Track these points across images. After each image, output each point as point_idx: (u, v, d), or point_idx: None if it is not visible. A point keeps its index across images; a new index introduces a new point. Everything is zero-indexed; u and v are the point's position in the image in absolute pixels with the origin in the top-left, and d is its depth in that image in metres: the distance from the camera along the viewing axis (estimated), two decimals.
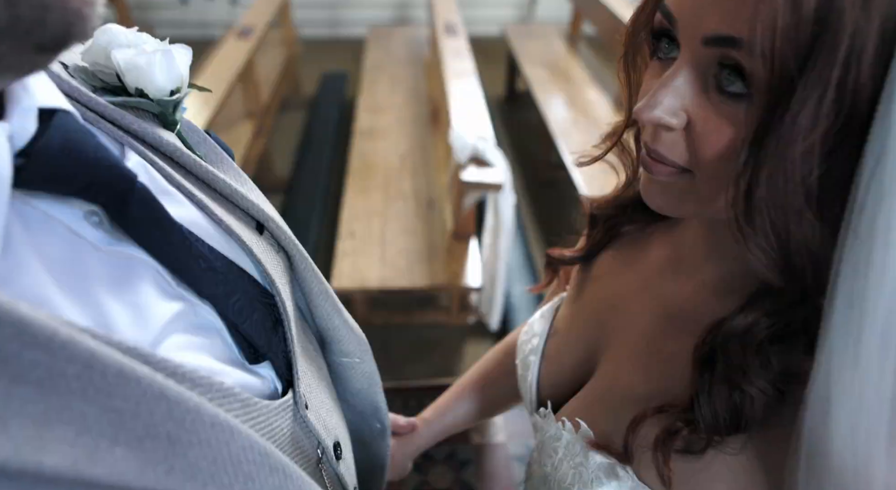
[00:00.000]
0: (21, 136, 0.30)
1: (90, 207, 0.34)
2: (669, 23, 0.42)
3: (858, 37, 0.34)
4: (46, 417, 0.26)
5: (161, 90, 0.43)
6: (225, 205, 0.46)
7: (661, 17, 0.43)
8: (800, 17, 0.34)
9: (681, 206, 0.47)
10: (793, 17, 0.34)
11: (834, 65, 0.34)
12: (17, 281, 0.29)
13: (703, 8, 0.39)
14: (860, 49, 0.34)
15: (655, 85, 0.43)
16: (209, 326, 0.40)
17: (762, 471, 0.46)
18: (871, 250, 0.35)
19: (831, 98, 0.35)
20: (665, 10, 0.42)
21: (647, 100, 0.43)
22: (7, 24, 0.25)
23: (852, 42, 0.34)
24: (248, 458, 0.35)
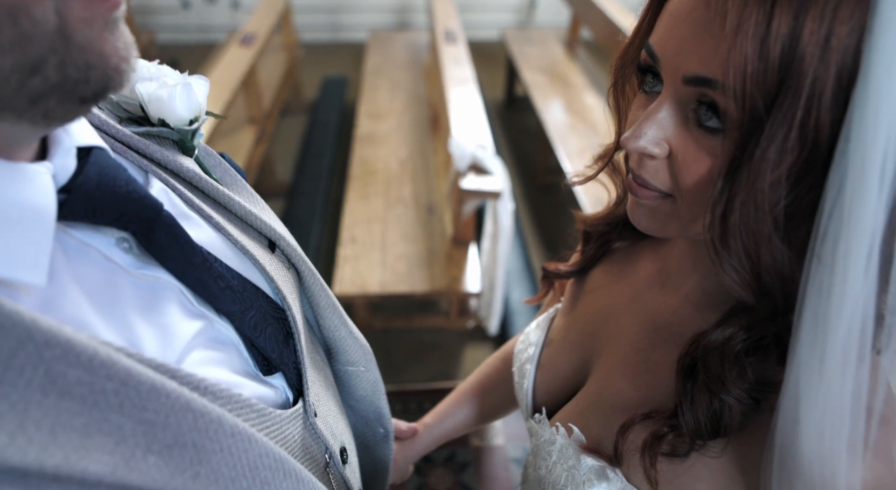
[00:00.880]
0: (63, 175, 0.33)
1: (121, 235, 0.37)
2: (653, 60, 0.46)
3: (818, 83, 0.37)
4: (88, 429, 0.29)
5: (181, 120, 0.46)
6: (239, 225, 0.49)
7: (647, 54, 0.46)
8: (766, 64, 0.38)
9: (664, 228, 0.51)
10: (760, 64, 0.38)
11: (797, 107, 0.38)
12: (60, 306, 0.32)
13: (683, 50, 0.43)
14: (820, 93, 0.37)
15: (641, 117, 0.47)
16: (227, 341, 0.43)
17: (740, 472, 0.49)
18: (833, 274, 0.39)
19: (795, 136, 0.38)
20: (650, 49, 0.46)
21: (632, 131, 0.46)
22: (57, 83, 0.28)
23: (813, 87, 0.37)
24: (264, 464, 0.38)
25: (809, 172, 0.40)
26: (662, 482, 0.52)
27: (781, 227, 0.42)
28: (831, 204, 0.38)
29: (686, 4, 0.42)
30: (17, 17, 0.25)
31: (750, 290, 0.45)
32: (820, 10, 0.36)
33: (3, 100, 0.27)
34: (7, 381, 0.27)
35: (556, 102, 3.21)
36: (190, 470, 0.34)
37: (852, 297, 0.38)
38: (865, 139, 0.36)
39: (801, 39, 0.37)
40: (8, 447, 0.26)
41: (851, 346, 0.39)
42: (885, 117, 0.35)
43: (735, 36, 0.38)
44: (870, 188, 0.36)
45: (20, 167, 0.31)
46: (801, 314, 0.41)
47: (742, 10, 0.37)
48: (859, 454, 0.42)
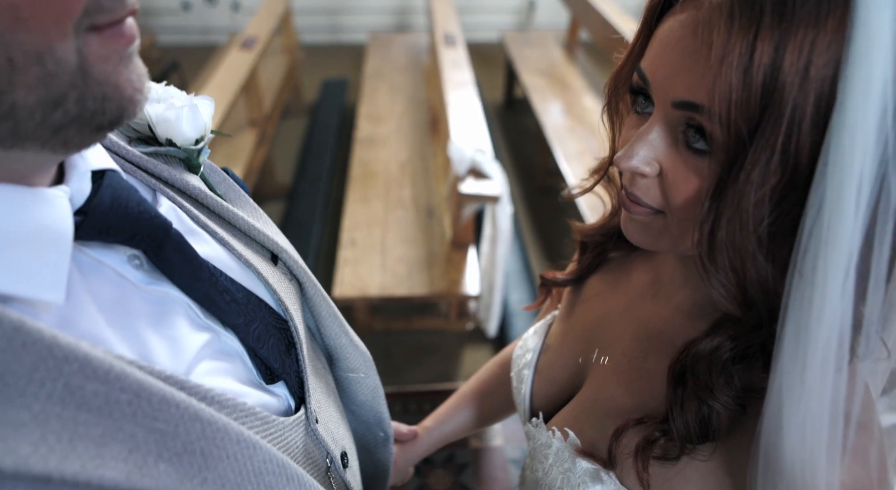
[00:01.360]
0: (79, 197, 0.35)
1: (132, 252, 0.39)
2: (644, 84, 0.48)
3: (798, 110, 0.39)
4: (104, 438, 0.32)
5: (188, 140, 0.48)
6: (243, 239, 0.51)
7: (638, 77, 0.49)
8: (750, 92, 0.40)
9: (656, 243, 0.53)
10: (744, 92, 0.40)
11: (779, 132, 0.40)
12: (77, 321, 0.34)
13: (672, 76, 0.45)
14: (800, 119, 0.40)
15: (633, 137, 0.49)
16: (232, 352, 0.45)
17: (728, 474, 0.51)
18: (813, 288, 0.41)
19: (778, 159, 0.41)
20: (641, 73, 0.48)
21: (625, 151, 0.48)
22: (77, 115, 0.30)
23: (793, 114, 0.40)
24: (268, 470, 0.40)
25: (791, 193, 0.42)
26: (654, 485, 0.54)
27: (765, 244, 0.44)
28: (811, 223, 0.40)
29: (675, 32, 0.45)
30: (43, 58, 0.27)
31: (736, 303, 0.47)
32: (799, 43, 0.38)
33: (28, 132, 0.29)
34: (30, 393, 0.29)
35: (555, 105, 3.23)
36: (198, 476, 0.36)
37: (831, 310, 0.40)
38: (842, 164, 0.38)
39: (782, 70, 0.39)
40: (31, 456, 0.28)
41: (830, 356, 0.42)
42: (860, 144, 0.37)
43: (720, 65, 0.40)
44: (847, 210, 0.38)
45: (40, 192, 0.33)
46: (784, 325, 0.44)
47: (727, 41, 0.40)
48: (838, 457, 0.44)
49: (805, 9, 0.38)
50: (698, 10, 0.42)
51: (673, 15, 0.45)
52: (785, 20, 0.38)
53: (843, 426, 0.44)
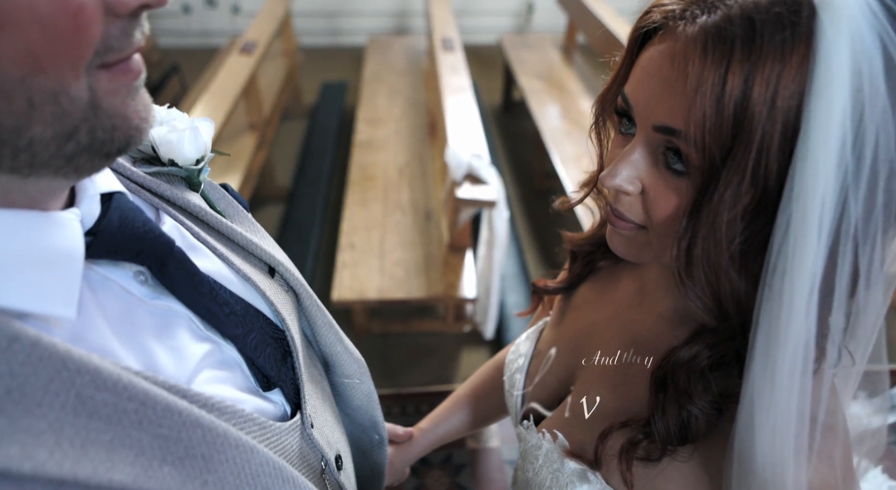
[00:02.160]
0: (89, 219, 0.38)
1: (138, 269, 0.42)
2: (628, 107, 0.51)
3: (766, 136, 0.43)
4: (113, 444, 0.34)
5: (189, 160, 0.51)
6: (241, 253, 0.54)
7: (622, 101, 0.52)
8: (722, 120, 0.43)
9: (639, 255, 0.57)
10: (717, 120, 0.43)
11: (749, 157, 0.43)
12: (87, 336, 0.37)
13: (652, 101, 0.48)
14: (768, 145, 0.43)
15: (617, 156, 0.52)
16: (231, 362, 0.48)
17: (706, 474, 0.55)
18: (781, 302, 0.44)
19: (748, 182, 0.44)
20: (625, 97, 0.51)
21: (609, 170, 0.51)
22: (88, 144, 0.33)
23: (762, 140, 0.43)
24: (265, 472, 0.43)
25: (762, 213, 0.45)
26: (637, 484, 0.57)
27: (737, 259, 0.47)
28: (780, 242, 0.43)
29: (655, 61, 0.48)
30: (58, 98, 0.30)
31: (711, 315, 0.51)
32: (766, 76, 0.41)
33: (44, 161, 0.32)
34: (45, 403, 0.32)
35: (553, 108, 3.25)
36: (199, 479, 0.38)
37: (797, 322, 0.44)
38: (806, 189, 0.41)
39: (751, 100, 0.42)
40: (48, 461, 0.31)
41: (797, 365, 0.45)
42: (823, 171, 0.40)
43: (695, 95, 0.43)
44: (811, 231, 0.42)
45: (53, 216, 0.35)
46: (755, 336, 0.47)
47: (701, 72, 0.43)
48: (805, 458, 0.47)
49: (771, 44, 0.41)
50: (675, 41, 0.45)
51: (653, 44, 0.48)
52: (753, 54, 0.41)
53: (810, 429, 0.47)
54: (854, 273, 0.44)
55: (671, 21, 0.46)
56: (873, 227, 0.42)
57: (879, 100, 0.39)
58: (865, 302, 0.46)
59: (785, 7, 0.41)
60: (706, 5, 0.44)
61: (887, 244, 0.45)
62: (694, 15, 0.44)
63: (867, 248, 0.43)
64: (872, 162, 0.40)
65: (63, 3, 0.28)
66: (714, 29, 0.43)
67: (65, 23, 0.28)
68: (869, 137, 0.40)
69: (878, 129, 0.40)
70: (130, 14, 0.32)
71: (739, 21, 0.42)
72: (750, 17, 0.42)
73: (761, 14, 0.42)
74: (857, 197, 0.41)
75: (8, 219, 0.33)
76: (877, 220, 0.42)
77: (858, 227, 0.42)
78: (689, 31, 0.44)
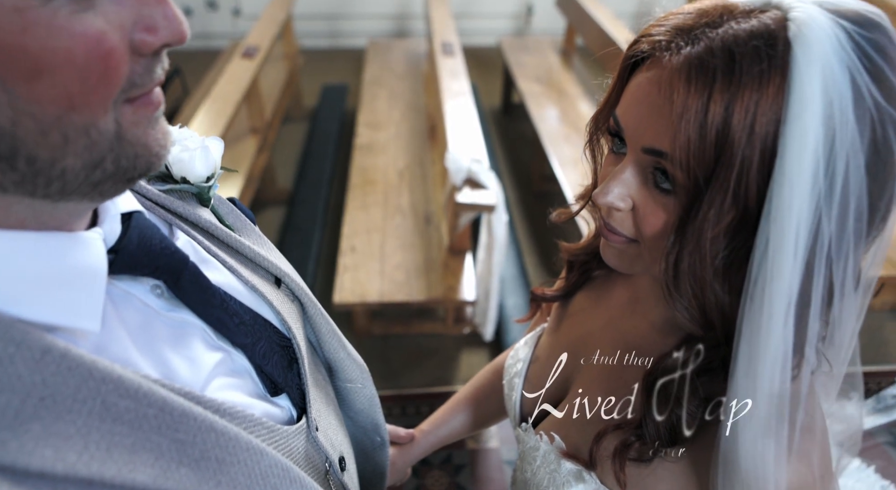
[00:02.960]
0: (111, 238, 0.41)
1: (155, 283, 0.45)
2: (619, 128, 0.54)
3: (746, 159, 0.46)
4: (135, 447, 0.37)
5: (200, 177, 0.53)
6: (249, 265, 0.57)
7: (614, 122, 0.55)
8: (705, 144, 0.46)
9: (631, 267, 0.60)
10: (700, 145, 0.46)
11: (730, 178, 0.46)
12: (110, 347, 0.40)
13: (641, 124, 0.51)
14: (748, 167, 0.46)
15: (609, 174, 0.55)
16: (241, 369, 0.51)
17: (695, 473, 0.58)
18: (762, 313, 0.47)
19: (730, 201, 0.47)
20: (616, 119, 0.54)
21: (601, 188, 0.55)
22: (112, 172, 0.36)
23: (742, 163, 0.46)
24: (273, 473, 0.46)
25: (743, 230, 0.48)
26: (630, 483, 0.60)
27: (721, 273, 0.50)
28: (759, 258, 0.47)
29: (643, 88, 0.51)
30: (89, 131, 0.33)
31: (697, 324, 0.54)
32: (745, 104, 0.45)
33: (73, 188, 0.35)
34: (74, 410, 0.34)
35: (551, 111, 3.28)
36: (213, 479, 0.41)
37: (776, 332, 0.47)
38: (783, 210, 0.45)
39: (732, 126, 0.45)
40: (77, 462, 0.34)
41: (776, 371, 0.48)
42: (798, 194, 0.44)
43: (680, 121, 0.46)
44: (787, 249, 0.45)
45: (79, 236, 0.38)
46: (738, 344, 0.50)
47: (685, 100, 0.46)
48: (785, 458, 0.51)
49: (750, 75, 0.44)
50: (662, 70, 0.48)
51: (642, 71, 0.51)
52: (733, 84, 0.45)
53: (789, 430, 0.50)
54: (829, 286, 0.47)
55: (658, 51, 0.49)
56: (846, 245, 0.45)
57: (849, 127, 0.42)
58: (840, 312, 0.50)
59: (762, 40, 0.44)
60: (690, 37, 0.47)
61: (859, 260, 0.48)
62: (679, 46, 0.47)
63: (840, 263, 0.46)
64: (844, 184, 0.44)
65: (96, 49, 0.31)
66: (697, 60, 0.46)
67: (97, 66, 0.31)
68: (840, 162, 0.43)
69: (849, 154, 0.43)
70: (153, 53, 0.35)
71: (720, 53, 0.45)
72: (730, 50, 0.45)
73: (740, 47, 0.45)
74: (830, 217, 0.44)
75: (40, 241, 0.36)
76: (849, 238, 0.45)
77: (832, 245, 0.45)
78: (675, 61, 0.47)
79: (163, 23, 0.34)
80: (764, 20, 0.46)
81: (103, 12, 0.31)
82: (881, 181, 0.46)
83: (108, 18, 0.32)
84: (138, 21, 0.33)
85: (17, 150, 0.31)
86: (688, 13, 0.49)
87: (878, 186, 0.46)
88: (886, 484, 1.57)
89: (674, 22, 0.49)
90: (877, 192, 0.46)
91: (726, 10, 0.48)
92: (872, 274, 0.52)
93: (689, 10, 0.50)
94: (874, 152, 0.44)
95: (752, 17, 0.46)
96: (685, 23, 0.48)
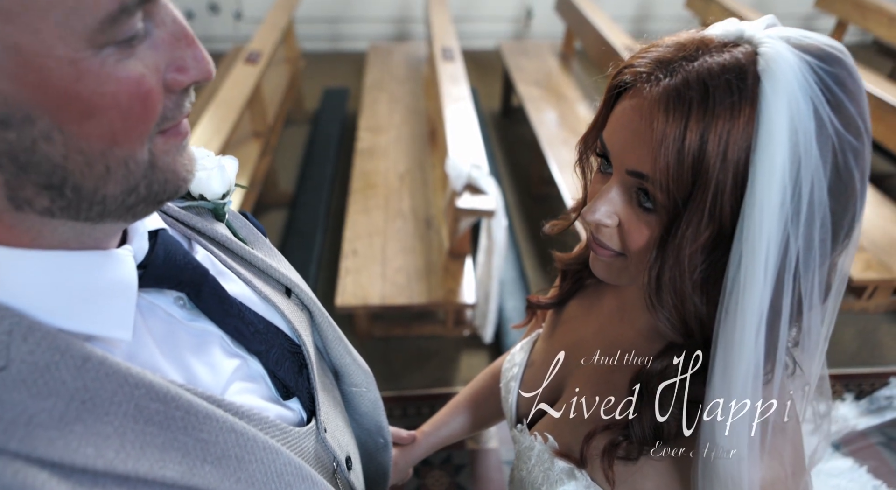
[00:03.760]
0: (140, 254, 0.45)
1: (178, 295, 0.49)
2: (605, 151, 0.58)
3: (720, 183, 0.50)
4: (165, 446, 0.41)
5: (216, 195, 0.57)
6: (262, 276, 0.61)
7: (601, 145, 0.59)
8: (682, 169, 0.50)
9: (618, 278, 0.64)
10: (678, 169, 0.50)
11: (706, 200, 0.50)
12: (139, 355, 0.44)
13: (625, 148, 0.55)
14: (722, 190, 0.50)
15: (597, 193, 0.59)
16: (256, 375, 0.54)
17: (678, 470, 0.62)
18: (735, 323, 0.52)
19: (706, 220, 0.51)
20: (602, 142, 0.59)
21: (590, 206, 0.59)
22: (145, 196, 0.39)
23: (717, 186, 0.50)
24: (287, 471, 0.50)
25: (719, 246, 0.53)
26: (618, 480, 0.64)
27: (699, 286, 0.55)
28: (733, 273, 0.51)
29: (627, 114, 0.55)
30: (127, 162, 0.37)
31: (678, 333, 0.58)
32: (719, 132, 0.49)
33: (111, 211, 0.39)
34: (111, 412, 0.38)
35: (550, 115, 3.32)
36: (234, 476, 0.45)
37: (749, 341, 0.51)
38: (754, 231, 0.49)
39: (707, 152, 0.49)
40: (114, 459, 0.38)
41: (749, 376, 0.52)
42: (767, 216, 0.48)
43: (659, 147, 0.51)
44: (758, 266, 0.49)
45: (112, 254, 0.42)
46: (715, 351, 0.54)
47: (664, 128, 0.50)
48: (758, 455, 0.55)
49: (722, 107, 0.48)
50: (643, 99, 0.53)
51: (626, 99, 0.55)
52: (707, 115, 0.49)
53: (761, 431, 0.54)
54: (798, 298, 0.51)
55: (640, 82, 0.53)
56: (812, 261, 0.50)
57: (813, 154, 0.47)
58: (809, 322, 0.54)
59: (733, 74, 0.48)
60: (668, 69, 0.51)
61: (825, 274, 0.52)
62: (658, 78, 0.51)
63: (808, 277, 0.50)
64: (809, 206, 0.48)
65: (137, 91, 0.35)
66: (675, 91, 0.50)
67: (138, 106, 0.35)
68: (805, 186, 0.47)
69: (813, 178, 0.47)
70: (182, 89, 0.39)
71: (696, 85, 0.49)
72: (704, 82, 0.49)
73: (714, 80, 0.49)
74: (797, 236, 0.48)
75: (80, 259, 0.40)
76: (815, 255, 0.49)
77: (799, 261, 0.49)
78: (654, 91, 0.51)
79: (192, 63, 0.38)
80: (736, 54, 0.50)
81: (142, 57, 0.35)
82: (843, 202, 0.50)
83: (146, 62, 0.35)
84: (171, 63, 0.37)
85: (66, 181, 0.35)
86: (667, 46, 0.53)
87: (840, 207, 0.50)
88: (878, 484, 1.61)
89: (654, 54, 0.53)
90: (839, 212, 0.50)
91: (702, 44, 0.52)
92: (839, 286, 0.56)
93: (668, 42, 0.54)
94: (836, 176, 0.48)
95: (726, 51, 0.50)
96: (664, 55, 0.52)
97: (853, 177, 0.49)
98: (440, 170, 2.64)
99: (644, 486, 0.63)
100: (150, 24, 0.36)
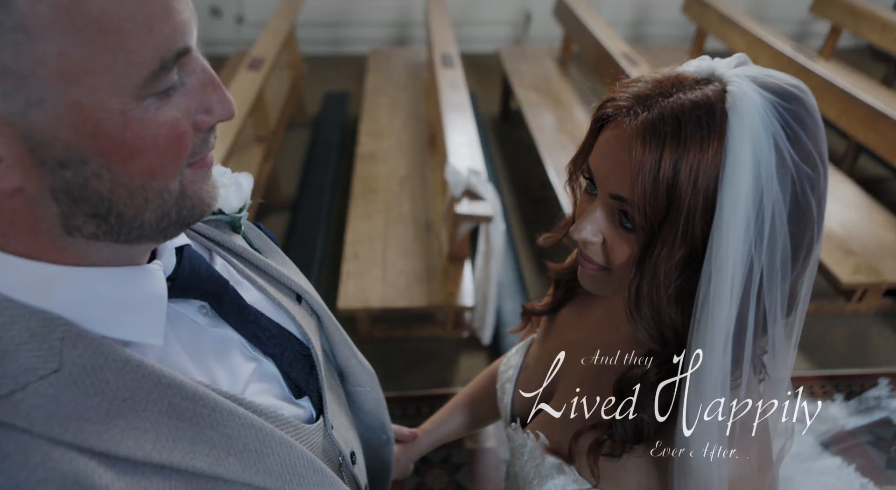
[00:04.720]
0: (168, 268, 0.50)
1: (201, 303, 0.54)
2: (591, 175, 0.63)
3: (692, 208, 0.56)
4: (194, 439, 0.46)
5: (233, 209, 0.62)
6: (275, 284, 0.66)
7: (587, 169, 0.64)
8: (657, 194, 0.56)
9: (603, 290, 0.70)
10: (653, 194, 0.56)
11: (679, 221, 0.56)
12: (169, 358, 0.49)
13: (608, 174, 0.61)
14: (693, 214, 0.56)
15: (584, 212, 0.65)
16: (272, 376, 0.59)
17: (656, 467, 0.68)
18: (706, 334, 0.58)
19: (679, 241, 0.57)
20: (588, 167, 0.64)
21: (576, 225, 0.65)
22: (175, 220, 0.44)
23: (688, 210, 0.56)
24: (300, 463, 0.55)
25: (692, 264, 0.59)
26: (603, 476, 0.70)
27: (674, 300, 0.60)
28: (704, 290, 0.57)
29: (609, 143, 0.61)
30: (162, 193, 0.42)
31: (655, 341, 0.64)
32: (690, 162, 0.55)
33: (146, 234, 0.44)
34: (148, 409, 0.43)
35: (548, 119, 3.36)
36: (254, 467, 0.50)
37: (717, 352, 0.58)
38: (721, 253, 0.55)
39: (679, 180, 0.55)
40: (152, 450, 0.43)
41: (717, 382, 0.59)
42: (733, 240, 0.54)
43: (637, 174, 0.56)
44: (725, 286, 0.56)
45: (146, 269, 0.47)
46: (689, 357, 0.59)
47: (641, 157, 0.56)
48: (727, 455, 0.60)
49: (693, 140, 0.54)
50: (623, 131, 0.59)
51: (609, 129, 0.61)
52: (680, 146, 0.55)
53: (731, 430, 0.60)
54: (763, 313, 0.57)
55: (620, 115, 0.59)
56: (775, 280, 0.56)
57: (773, 184, 0.53)
58: (774, 333, 0.59)
59: (703, 111, 0.54)
60: (646, 104, 0.57)
61: (786, 291, 0.58)
62: (636, 112, 0.57)
63: (772, 294, 0.56)
64: (771, 231, 0.54)
65: (173, 133, 0.40)
66: (651, 125, 0.56)
67: (173, 145, 0.41)
68: (767, 212, 0.53)
69: (774, 205, 0.53)
70: (209, 128, 0.44)
71: (670, 119, 0.55)
72: (677, 117, 0.54)
73: (686, 115, 0.54)
74: (760, 257, 0.54)
75: (119, 274, 0.45)
76: (777, 274, 0.56)
77: (763, 280, 0.56)
78: (633, 124, 0.57)
79: (217, 106, 0.43)
80: (706, 92, 0.55)
81: (177, 103, 0.41)
82: (801, 227, 0.56)
83: (180, 107, 0.41)
84: (199, 106, 0.42)
85: (111, 210, 0.41)
86: (646, 82, 0.59)
87: (799, 231, 0.56)
88: (866, 482, 1.66)
89: (634, 90, 0.59)
90: (798, 235, 0.56)
91: (677, 81, 0.57)
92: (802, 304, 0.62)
93: (647, 79, 0.59)
94: (794, 204, 0.54)
95: (698, 88, 0.56)
96: (643, 91, 0.58)
97: (810, 204, 0.55)
98: (440, 175, 2.68)
99: (627, 480, 0.69)
100: (183, 74, 0.41)
